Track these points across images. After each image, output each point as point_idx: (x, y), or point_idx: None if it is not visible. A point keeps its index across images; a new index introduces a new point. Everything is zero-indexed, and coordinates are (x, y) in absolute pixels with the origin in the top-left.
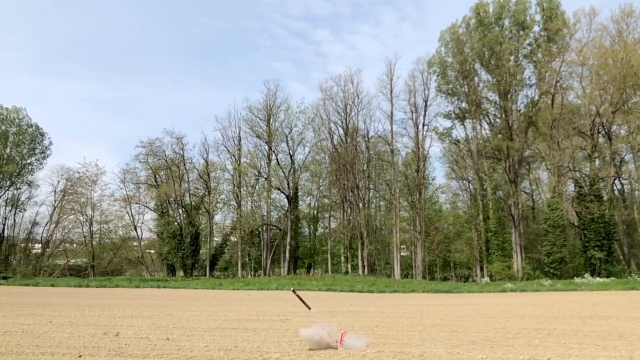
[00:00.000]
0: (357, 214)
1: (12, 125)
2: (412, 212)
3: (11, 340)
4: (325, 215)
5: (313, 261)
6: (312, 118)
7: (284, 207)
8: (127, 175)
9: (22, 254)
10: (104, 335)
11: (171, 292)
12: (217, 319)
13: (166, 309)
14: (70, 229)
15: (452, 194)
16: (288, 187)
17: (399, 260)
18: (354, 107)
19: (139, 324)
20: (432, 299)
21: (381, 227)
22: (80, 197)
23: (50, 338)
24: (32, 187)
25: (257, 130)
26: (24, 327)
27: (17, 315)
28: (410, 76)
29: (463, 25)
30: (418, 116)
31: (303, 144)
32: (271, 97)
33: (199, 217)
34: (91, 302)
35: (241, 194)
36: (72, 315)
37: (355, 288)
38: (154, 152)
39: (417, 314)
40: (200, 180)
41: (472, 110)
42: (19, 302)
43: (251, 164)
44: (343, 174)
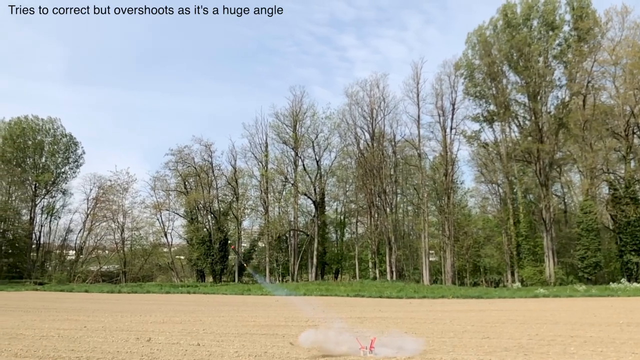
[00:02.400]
0: (384, 219)
1: (47, 135)
2: (441, 217)
3: (48, 345)
4: (352, 221)
5: (340, 267)
6: (338, 123)
7: (310, 212)
8: (158, 182)
9: (57, 260)
10: (137, 340)
11: (201, 298)
12: (247, 325)
13: (196, 315)
14: (103, 235)
15: (481, 198)
16: (315, 193)
17: (427, 265)
18: (380, 111)
19: (170, 329)
20: (462, 304)
21: (409, 232)
22: (112, 205)
23: (85, 343)
24: (66, 195)
25: (283, 137)
26: (60, 331)
27: (53, 320)
28: (436, 79)
29: (490, 27)
30: (445, 119)
31: (329, 149)
32: (297, 104)
33: (227, 223)
34: (123, 307)
35: (268, 199)
36: (105, 321)
37: (383, 294)
38: (183, 159)
39: (447, 320)
40: (229, 187)
41: (501, 113)
42: (55, 307)
43: (278, 170)
44: (370, 178)
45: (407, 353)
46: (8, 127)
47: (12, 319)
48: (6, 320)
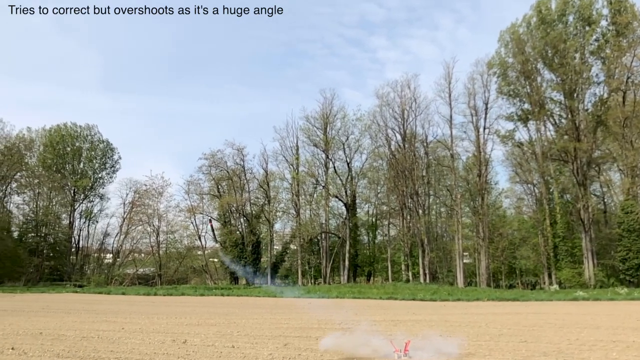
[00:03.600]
0: (417, 220)
1: (85, 142)
2: (475, 218)
3: (89, 346)
4: (384, 223)
5: (373, 269)
6: (368, 125)
7: (342, 214)
8: (191, 186)
9: (95, 263)
10: (173, 342)
11: (234, 300)
12: (280, 327)
13: (230, 317)
14: (139, 239)
15: (516, 199)
16: (346, 195)
17: (461, 267)
18: (412, 112)
19: (205, 331)
20: (498, 307)
21: (442, 234)
22: (148, 209)
23: (123, 344)
24: (103, 200)
25: (314, 139)
26: (100, 333)
27: (92, 322)
28: (469, 79)
29: (524, 24)
30: (478, 119)
31: (360, 151)
32: (327, 106)
33: (259, 226)
34: (159, 310)
35: (300, 202)
36: (142, 323)
37: (416, 296)
38: (216, 163)
39: (482, 323)
40: (260, 190)
41: (536, 112)
42: (94, 309)
43: (309, 172)
44: (401, 180)
45: (443, 356)
46: (48, 134)
47: (54, 320)
48: (49, 321)
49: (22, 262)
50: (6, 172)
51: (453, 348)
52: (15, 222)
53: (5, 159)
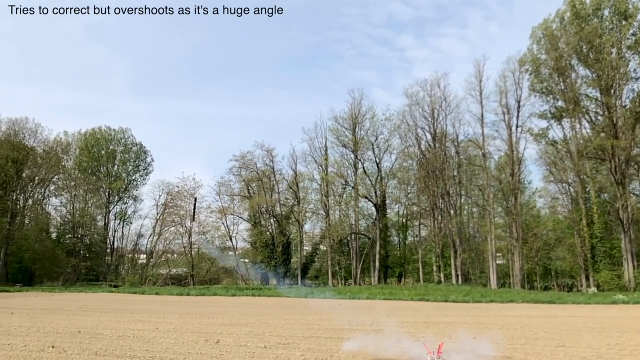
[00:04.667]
0: (448, 221)
1: (119, 145)
2: (508, 218)
3: (125, 345)
4: (414, 223)
5: (404, 270)
6: (398, 125)
7: (372, 215)
8: (222, 187)
9: (130, 264)
10: (206, 342)
11: (265, 301)
12: (311, 328)
13: (262, 317)
14: (171, 240)
15: (550, 198)
16: (375, 195)
17: (494, 268)
18: (442, 111)
19: (237, 331)
20: (533, 309)
21: (474, 235)
22: (180, 210)
23: (158, 343)
24: (137, 202)
25: (343, 140)
26: (135, 332)
27: (128, 321)
28: (500, 76)
29: (557, 19)
30: (511, 117)
31: (389, 151)
32: (356, 106)
33: (289, 227)
34: (192, 310)
35: (329, 203)
36: (176, 323)
37: (449, 298)
38: (246, 164)
39: (517, 326)
40: (290, 191)
41: (570, 109)
42: (129, 308)
43: (338, 173)
44: (432, 180)
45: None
46: (84, 138)
47: (91, 319)
48: (86, 320)
49: (60, 262)
50: (44, 175)
51: (488, 351)
52: (54, 223)
53: (44, 163)
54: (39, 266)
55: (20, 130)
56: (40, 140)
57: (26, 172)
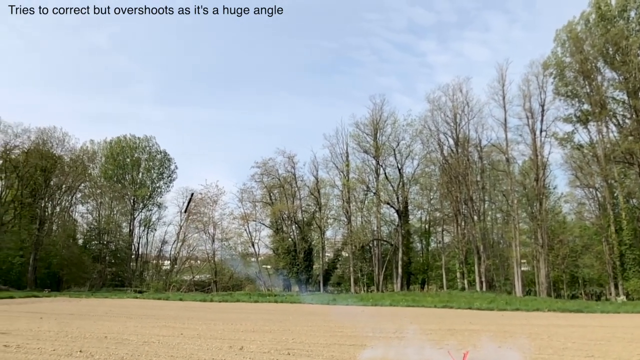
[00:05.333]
0: (471, 227)
1: (143, 153)
2: (533, 224)
3: (150, 350)
4: (437, 230)
5: (427, 277)
6: (420, 130)
7: (394, 221)
8: (244, 194)
9: (154, 270)
10: (230, 348)
11: (288, 307)
12: (334, 335)
13: (285, 324)
14: (195, 246)
15: (577, 204)
16: (397, 201)
17: (520, 275)
18: (464, 116)
19: (260, 338)
20: (560, 319)
21: (499, 241)
22: (203, 217)
23: (182, 349)
24: (161, 209)
25: (364, 146)
26: (160, 338)
27: (152, 327)
28: (523, 80)
29: (581, 22)
30: (535, 122)
31: (411, 156)
32: (377, 112)
33: (311, 233)
34: (216, 316)
35: (351, 209)
36: (200, 329)
37: (473, 305)
38: (268, 171)
39: (544, 335)
40: (311, 197)
41: (596, 112)
42: (154, 314)
43: (359, 179)
44: (455, 185)
45: None
46: (109, 146)
47: (117, 325)
48: (112, 325)
49: (87, 268)
50: (71, 183)
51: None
52: (80, 230)
53: (71, 171)
54: (66, 272)
55: (49, 140)
56: (67, 149)
57: (54, 180)
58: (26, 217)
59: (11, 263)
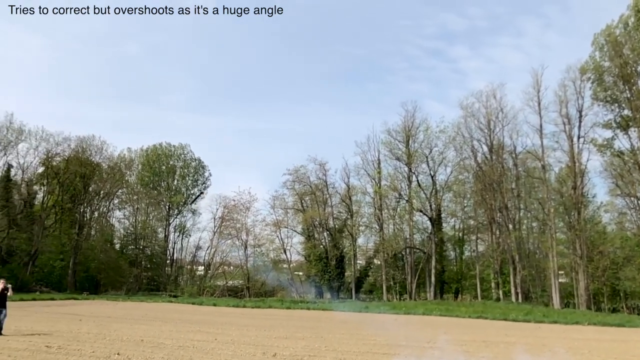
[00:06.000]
0: (506, 236)
1: (179, 160)
2: (571, 234)
3: (185, 355)
4: (471, 238)
5: (460, 286)
6: (453, 137)
7: (427, 229)
8: (276, 201)
9: (189, 275)
10: (263, 355)
11: (320, 314)
12: (367, 343)
13: (317, 331)
14: (228, 252)
15: (617, 213)
16: (430, 209)
17: (557, 287)
18: (498, 122)
19: (293, 345)
20: (601, 333)
21: (535, 251)
22: (236, 223)
23: (216, 355)
24: (195, 215)
25: (396, 153)
26: (194, 342)
27: (187, 332)
28: (560, 86)
29: (620, 25)
30: (572, 128)
31: (444, 163)
32: (409, 119)
33: (342, 240)
34: (248, 322)
35: (383, 216)
36: (233, 334)
37: (508, 316)
38: (300, 178)
39: (584, 350)
40: (343, 204)
41: (638, 118)
42: (188, 319)
43: (391, 186)
44: (489, 193)
45: None
46: (145, 154)
47: (153, 329)
48: (148, 329)
49: (124, 272)
50: (109, 190)
51: None
52: (117, 235)
53: (109, 178)
54: (103, 275)
55: (88, 148)
56: (105, 157)
57: (93, 186)
58: (66, 222)
59: (52, 266)
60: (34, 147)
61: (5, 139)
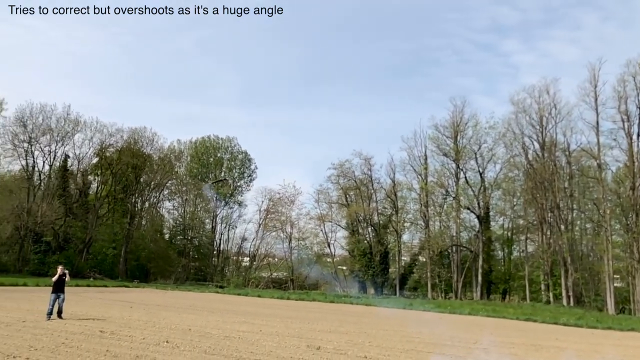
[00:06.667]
0: (558, 237)
1: (226, 153)
2: (628, 237)
3: (231, 345)
4: (520, 238)
5: (508, 287)
6: (503, 133)
7: (474, 227)
8: (321, 195)
9: (234, 266)
10: (307, 348)
11: (363, 309)
12: (412, 341)
13: (360, 326)
14: (272, 244)
15: None
16: (478, 207)
17: (612, 292)
18: (551, 119)
19: (337, 339)
20: None
21: (588, 253)
22: (281, 216)
23: (261, 346)
24: (241, 207)
25: (443, 149)
26: (240, 333)
27: (233, 322)
28: (619, 81)
29: None
30: (631, 125)
31: (494, 160)
32: (458, 114)
33: (387, 236)
34: (292, 314)
35: (429, 213)
36: (277, 326)
37: (559, 320)
38: (344, 173)
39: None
40: (388, 200)
41: None
42: (234, 309)
43: (438, 182)
44: (540, 192)
45: None
46: (194, 146)
47: (200, 318)
48: (196, 318)
49: (172, 262)
50: (159, 181)
51: None
52: (167, 225)
53: (159, 169)
54: (153, 264)
55: (139, 139)
56: (156, 148)
57: (144, 177)
58: (118, 212)
59: (105, 254)
60: (89, 137)
61: (63, 130)
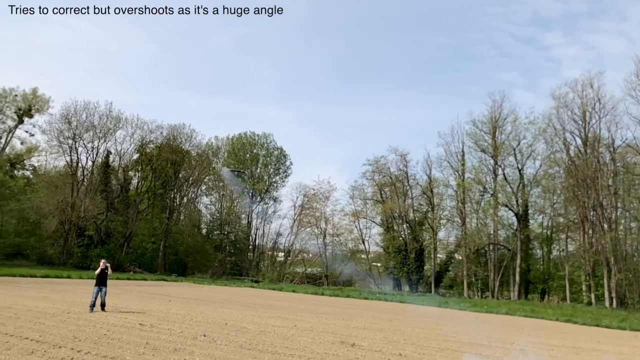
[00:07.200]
0: (601, 236)
1: (262, 149)
2: None
3: (266, 340)
4: (560, 237)
5: (547, 287)
6: (543, 129)
7: (512, 225)
8: (355, 191)
9: (269, 261)
10: (341, 344)
11: (398, 307)
12: (447, 340)
13: (395, 323)
14: (307, 240)
15: None
16: (517, 204)
17: None
18: (595, 113)
19: (372, 336)
20: None
21: (633, 254)
22: (315, 212)
23: (296, 341)
24: (276, 202)
25: (481, 145)
26: (275, 328)
27: (268, 317)
28: None
29: None
30: None
31: (533, 157)
32: (496, 109)
33: (422, 233)
34: (327, 310)
35: (465, 210)
36: (312, 321)
37: (601, 322)
38: (379, 169)
39: None
40: (424, 197)
41: None
42: (269, 304)
43: (475, 179)
44: (582, 189)
45: None
46: (231, 142)
47: (236, 313)
48: (232, 313)
49: (209, 256)
50: (197, 176)
51: None
52: (204, 220)
53: (197, 165)
54: (191, 259)
55: (178, 135)
56: (194, 144)
57: (182, 173)
58: (158, 207)
59: (144, 248)
60: (129, 134)
61: (105, 127)
